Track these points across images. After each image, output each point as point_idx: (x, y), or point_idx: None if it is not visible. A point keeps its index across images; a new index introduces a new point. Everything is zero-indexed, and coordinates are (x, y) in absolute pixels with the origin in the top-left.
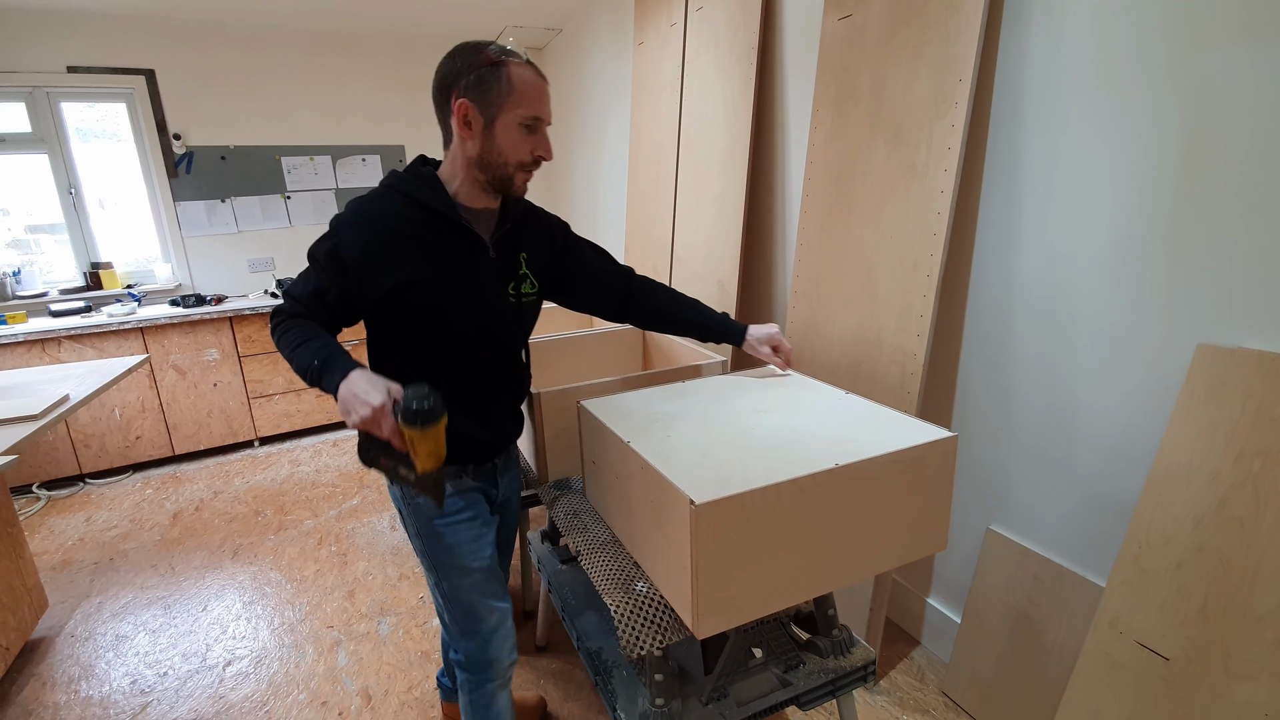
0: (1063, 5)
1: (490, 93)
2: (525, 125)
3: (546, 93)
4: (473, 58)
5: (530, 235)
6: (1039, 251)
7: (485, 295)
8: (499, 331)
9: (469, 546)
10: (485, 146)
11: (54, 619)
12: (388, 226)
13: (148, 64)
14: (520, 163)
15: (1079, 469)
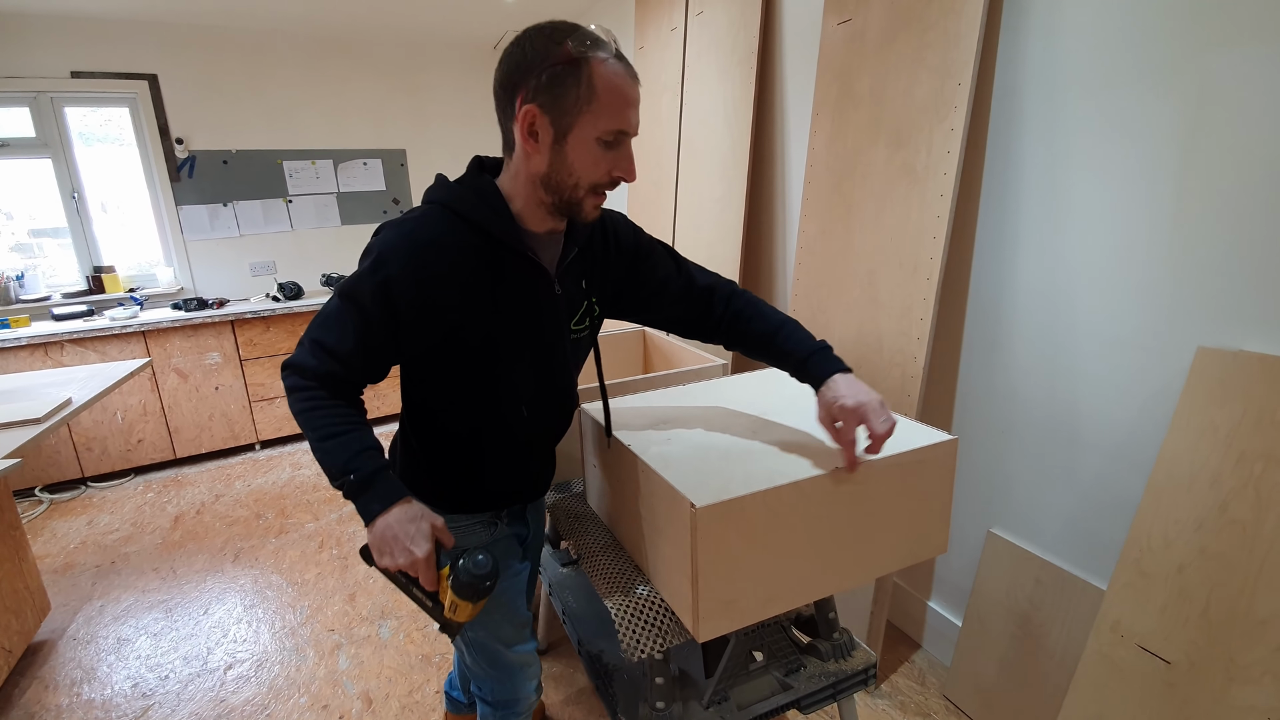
0: (1061, 8)
1: (565, 99)
2: (605, 141)
3: (636, 97)
4: (547, 50)
5: (601, 257)
6: (1038, 254)
7: (545, 338)
8: (554, 374)
9: (499, 599)
10: (554, 164)
11: (56, 622)
12: (446, 259)
13: (151, 69)
14: (594, 184)
15: (1080, 472)
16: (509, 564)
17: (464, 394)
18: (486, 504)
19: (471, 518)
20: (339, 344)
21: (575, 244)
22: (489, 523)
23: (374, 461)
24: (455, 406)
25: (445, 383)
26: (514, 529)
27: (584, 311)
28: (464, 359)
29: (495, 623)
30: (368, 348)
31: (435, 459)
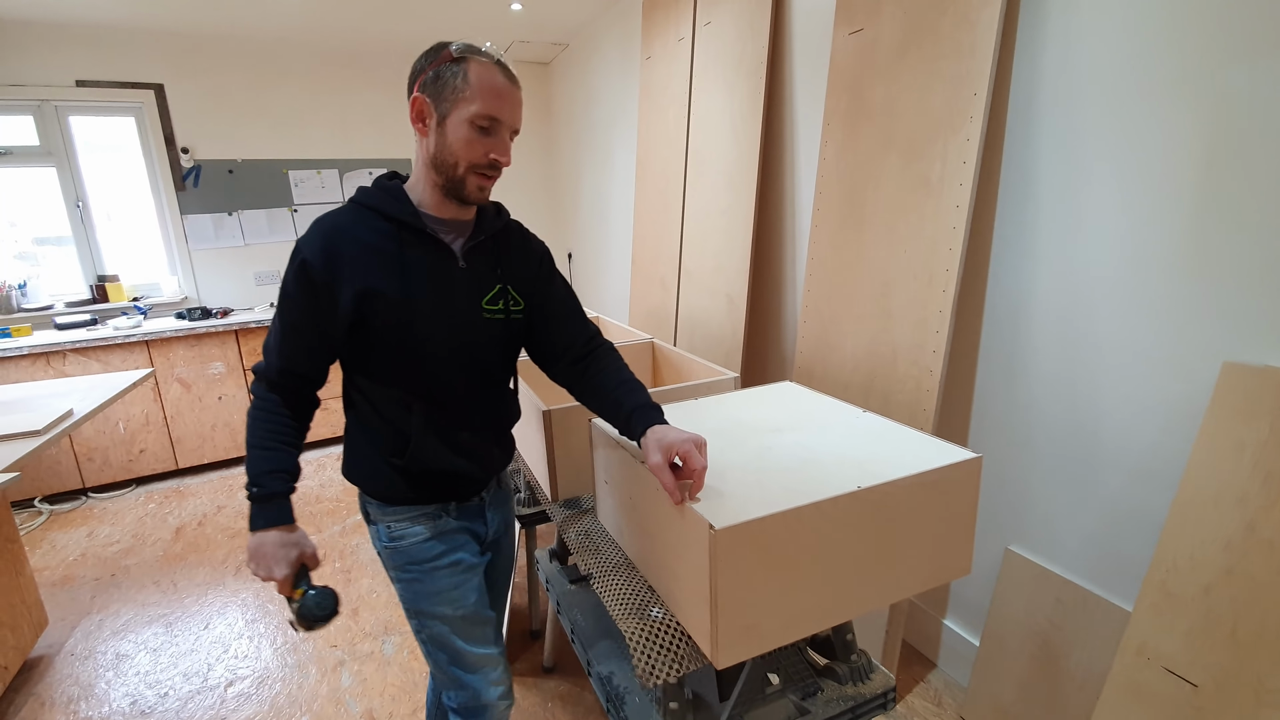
0: (1078, 21)
1: (446, 89)
2: (480, 126)
3: (511, 96)
4: (436, 54)
5: (513, 250)
6: (1056, 266)
7: (457, 308)
8: (476, 350)
9: (450, 594)
10: (438, 144)
11: (54, 637)
12: (351, 237)
13: (157, 78)
14: (472, 164)
15: (1102, 489)
16: (455, 555)
17: (392, 368)
18: (426, 492)
19: (413, 510)
20: (275, 342)
21: (483, 231)
22: (434, 515)
23: (278, 484)
24: (386, 383)
25: (377, 361)
26: (469, 524)
27: (498, 294)
28: (385, 328)
29: (449, 618)
30: (299, 333)
31: (370, 446)
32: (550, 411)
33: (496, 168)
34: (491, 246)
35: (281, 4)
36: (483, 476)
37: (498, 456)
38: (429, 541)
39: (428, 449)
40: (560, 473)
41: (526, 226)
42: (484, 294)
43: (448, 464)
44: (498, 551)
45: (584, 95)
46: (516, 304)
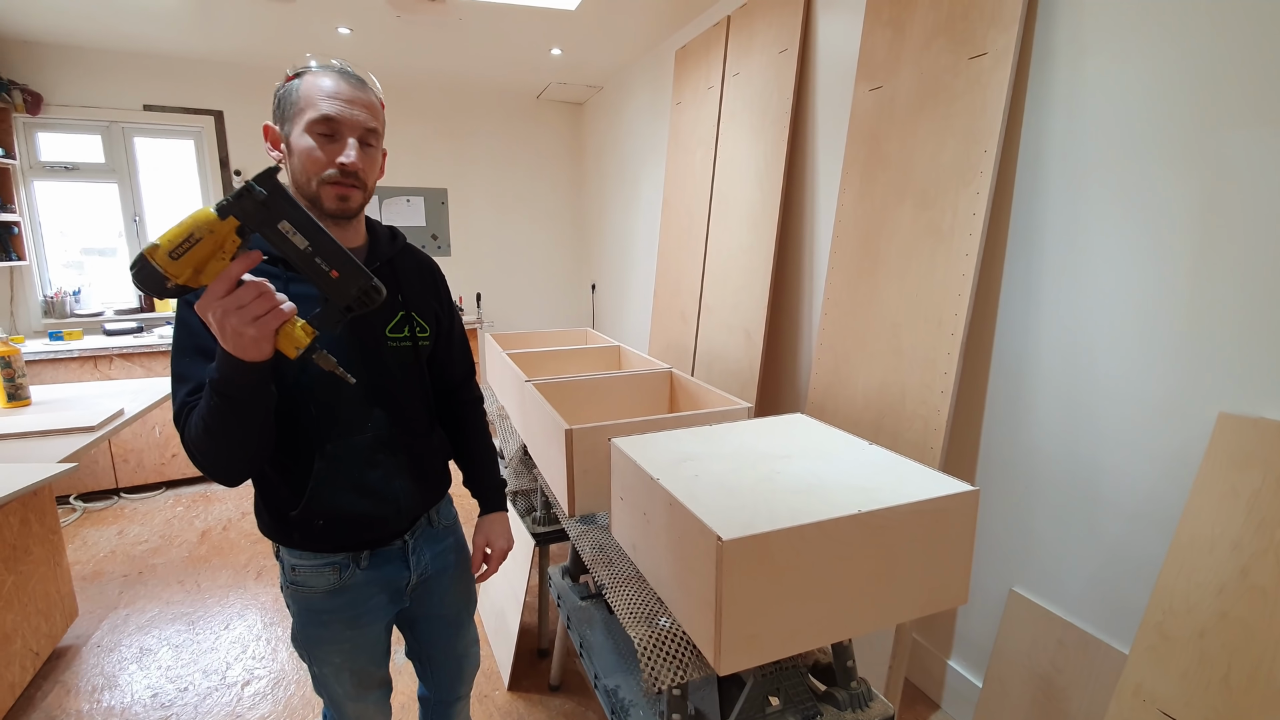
0: (1084, 85)
1: (285, 108)
2: (319, 133)
3: (347, 95)
4: (280, 84)
5: (410, 275)
6: (1061, 315)
7: (353, 341)
8: (383, 383)
9: (341, 646)
10: (292, 165)
11: (82, 628)
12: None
13: (218, 105)
14: (320, 175)
15: (1102, 532)
16: (354, 611)
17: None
18: (329, 542)
19: (317, 558)
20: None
21: (377, 257)
22: (341, 565)
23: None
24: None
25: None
26: (383, 572)
27: (400, 321)
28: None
29: (336, 666)
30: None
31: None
32: (572, 430)
33: (350, 174)
34: (388, 273)
35: (334, 41)
36: (398, 521)
37: (419, 495)
38: (330, 594)
39: (326, 496)
40: (578, 489)
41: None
42: (386, 323)
43: (351, 509)
44: (435, 589)
45: (614, 135)
46: (423, 330)
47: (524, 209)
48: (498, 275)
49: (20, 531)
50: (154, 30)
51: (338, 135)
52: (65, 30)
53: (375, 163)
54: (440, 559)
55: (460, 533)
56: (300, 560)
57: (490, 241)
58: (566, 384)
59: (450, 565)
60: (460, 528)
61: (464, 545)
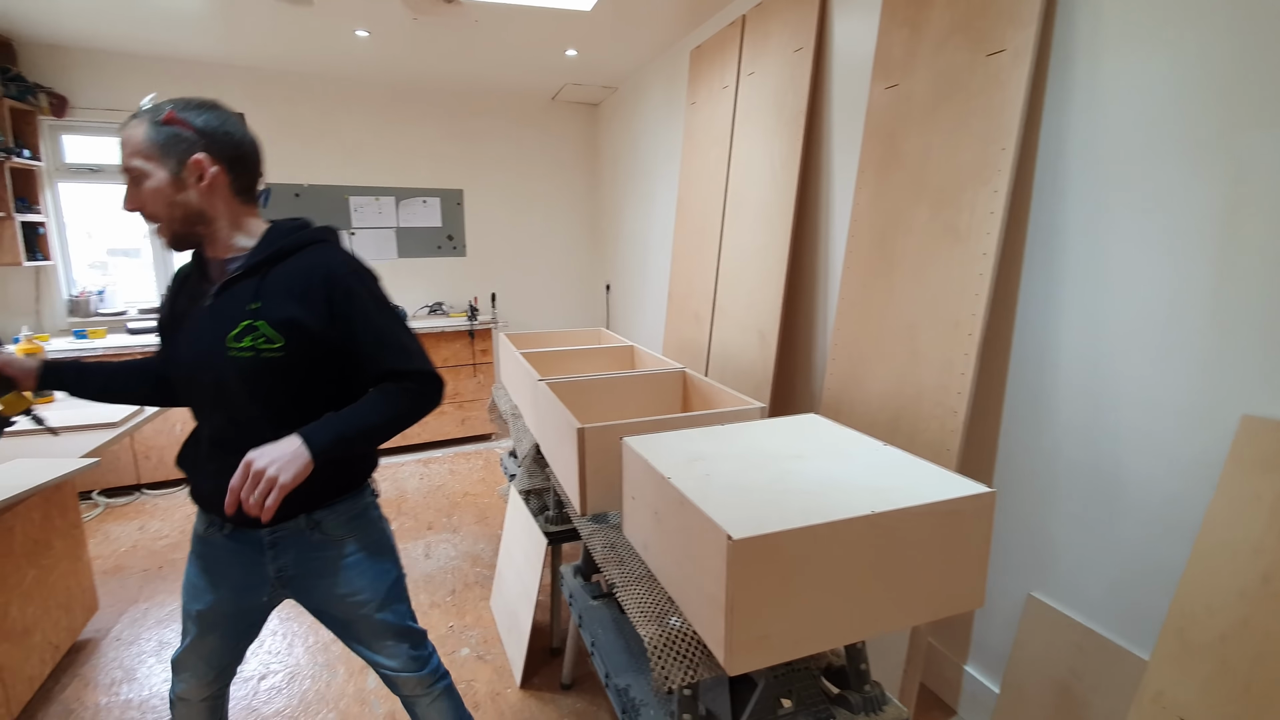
0: (1104, 83)
1: None
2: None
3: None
4: None
5: (279, 283)
6: (1080, 316)
7: (200, 343)
8: (218, 388)
9: (186, 587)
10: None
11: (102, 622)
12: (179, 270)
13: (238, 107)
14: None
15: (1123, 536)
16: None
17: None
18: (196, 499)
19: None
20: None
21: (250, 266)
22: (206, 519)
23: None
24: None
25: None
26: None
27: (243, 331)
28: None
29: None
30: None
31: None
32: (584, 429)
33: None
34: (252, 284)
35: (352, 44)
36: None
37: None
38: (198, 538)
39: (186, 461)
40: (590, 489)
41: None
42: (229, 331)
43: (200, 486)
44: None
45: (629, 136)
46: (270, 342)
47: (539, 210)
48: (512, 276)
49: (42, 526)
50: (176, 35)
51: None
52: (90, 35)
53: (158, 192)
54: (309, 564)
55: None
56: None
57: (505, 242)
58: (579, 383)
59: (325, 573)
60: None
61: (361, 558)
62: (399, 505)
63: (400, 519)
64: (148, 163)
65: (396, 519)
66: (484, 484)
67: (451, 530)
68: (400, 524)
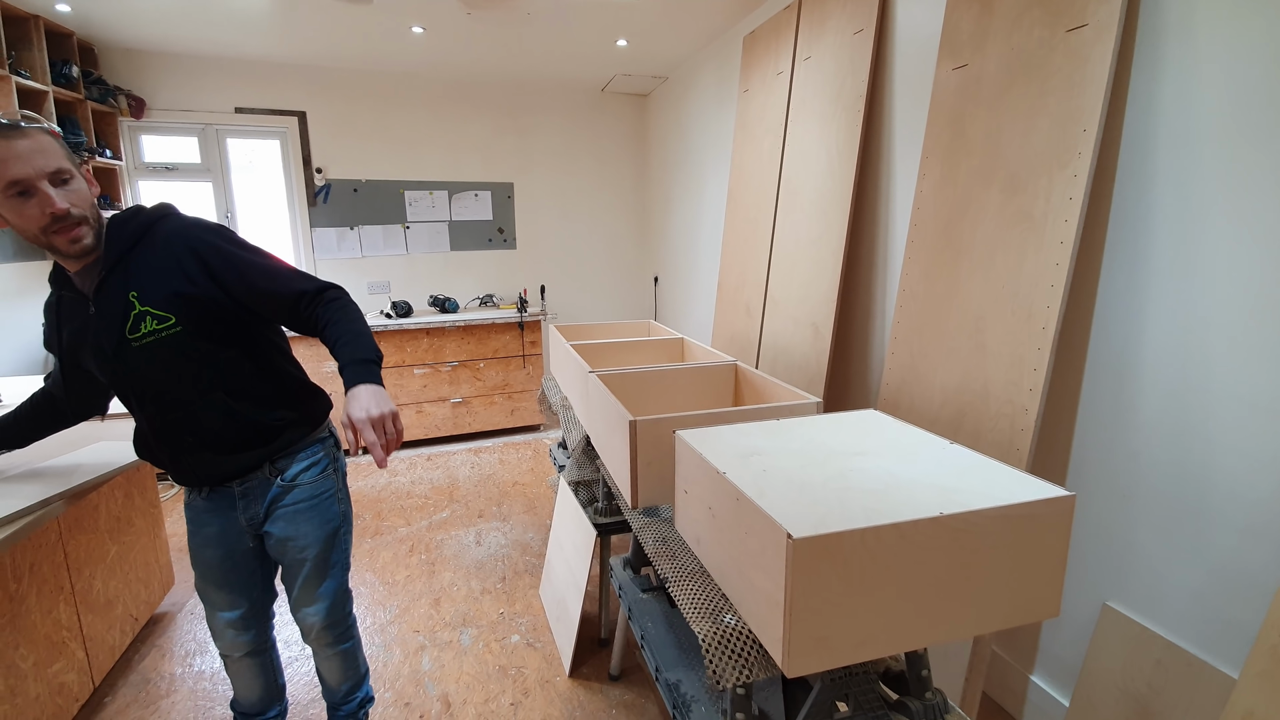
0: (1197, 58)
1: None
2: (16, 194)
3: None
4: None
5: (146, 264)
6: (1169, 310)
7: (101, 347)
8: (136, 379)
9: (194, 557)
10: (12, 227)
11: (177, 596)
12: (46, 307)
13: (301, 106)
14: (41, 228)
15: (1211, 546)
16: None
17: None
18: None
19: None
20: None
21: (105, 266)
22: (189, 492)
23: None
24: None
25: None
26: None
27: (136, 320)
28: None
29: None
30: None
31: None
32: (636, 422)
33: (64, 218)
34: (122, 276)
35: (408, 40)
36: (197, 479)
37: (220, 458)
38: (189, 505)
39: (140, 450)
40: (642, 481)
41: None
42: (123, 327)
43: (164, 467)
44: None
45: (679, 126)
46: (164, 321)
47: (587, 202)
48: (561, 268)
49: (124, 504)
50: (242, 36)
51: (32, 192)
52: (164, 38)
53: (82, 189)
54: (270, 510)
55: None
56: None
57: (554, 234)
58: (630, 375)
59: (280, 517)
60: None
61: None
62: (451, 493)
63: (452, 506)
64: (69, 164)
65: (449, 506)
66: (533, 474)
67: (501, 519)
68: (452, 511)
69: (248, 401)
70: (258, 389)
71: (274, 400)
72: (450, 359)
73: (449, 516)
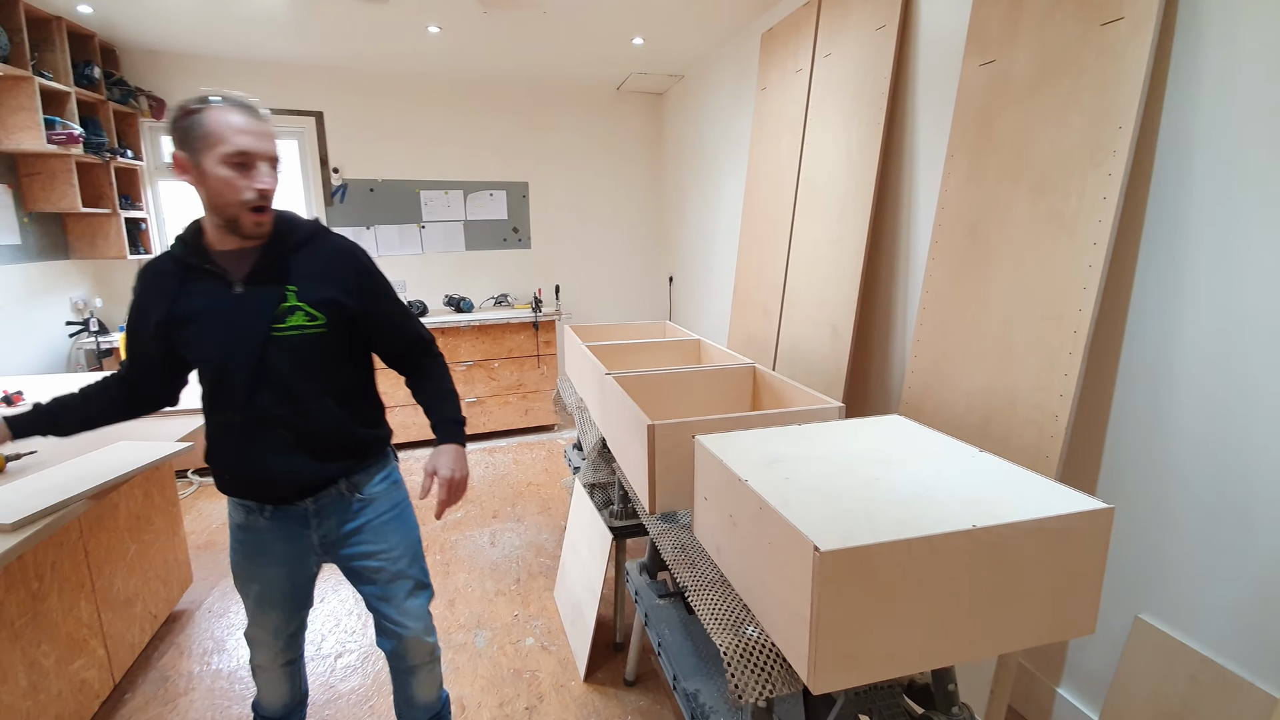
0: (1240, 52)
1: (192, 140)
2: (233, 164)
3: (252, 128)
4: (176, 114)
5: (309, 266)
6: (1208, 314)
7: (234, 331)
8: (263, 369)
9: (241, 576)
10: (206, 191)
11: (195, 594)
12: (153, 276)
13: (319, 106)
14: (241, 201)
15: (1252, 559)
16: (250, 549)
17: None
18: (234, 489)
19: (235, 500)
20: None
21: (270, 255)
22: (245, 508)
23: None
24: (203, 395)
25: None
26: (284, 525)
27: (286, 311)
28: (180, 349)
29: (242, 592)
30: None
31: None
32: (654, 426)
33: (266, 201)
34: (281, 268)
35: (424, 40)
36: (283, 489)
37: (311, 468)
38: (237, 528)
39: (220, 456)
40: (659, 486)
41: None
42: (269, 315)
43: (236, 473)
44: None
45: (695, 125)
46: (314, 319)
47: (602, 201)
48: (576, 267)
49: (143, 503)
50: (260, 37)
51: (250, 165)
52: (184, 40)
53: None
54: (348, 526)
55: (389, 506)
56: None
57: (569, 234)
58: (647, 377)
59: (362, 532)
60: (394, 499)
61: (392, 515)
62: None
63: (466, 506)
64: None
65: (463, 506)
66: (547, 474)
67: (516, 519)
68: (466, 511)
69: (349, 411)
70: (359, 402)
71: (368, 416)
72: (465, 359)
73: (463, 517)
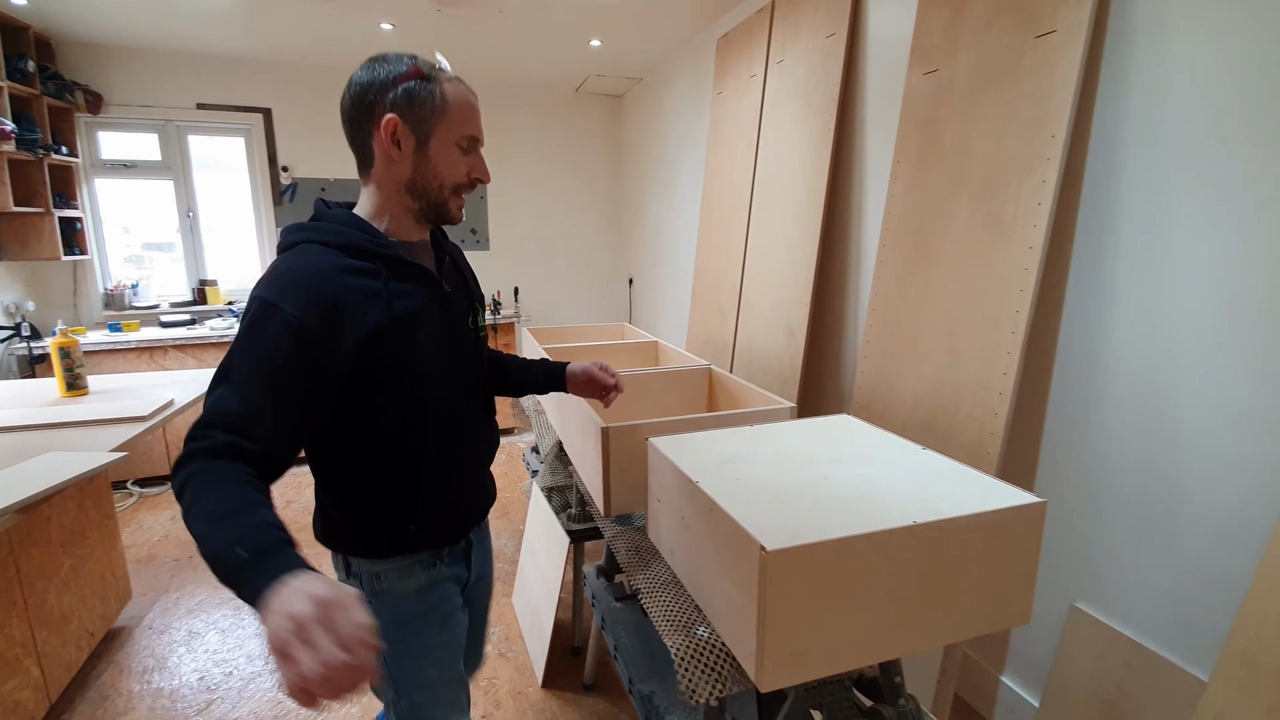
0: (1167, 64)
1: (422, 109)
2: (462, 146)
3: (479, 113)
4: (398, 68)
5: (465, 267)
6: (1137, 314)
7: (453, 335)
8: (473, 376)
9: (438, 653)
10: (418, 168)
11: (135, 610)
12: (334, 283)
13: (267, 103)
14: (457, 185)
15: (1180, 548)
16: (446, 607)
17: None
18: (425, 539)
19: (409, 558)
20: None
21: (445, 251)
22: (427, 563)
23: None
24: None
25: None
26: (455, 570)
27: (475, 312)
28: (387, 368)
29: (432, 684)
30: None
31: (360, 509)
32: (608, 429)
33: (475, 187)
34: (454, 266)
35: (377, 37)
36: (479, 515)
37: (491, 489)
38: (421, 593)
39: (434, 498)
40: (614, 489)
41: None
42: (467, 315)
43: (456, 507)
44: (478, 592)
45: (653, 128)
46: (483, 317)
47: (562, 203)
48: (535, 269)
49: (77, 516)
50: (206, 31)
51: (473, 150)
52: (124, 33)
53: None
54: (483, 562)
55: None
56: (384, 566)
57: (528, 235)
58: None
59: (486, 572)
60: None
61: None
62: None
63: None
64: None
65: None
66: (506, 478)
67: None
68: None
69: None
70: None
71: None
72: None
73: None
